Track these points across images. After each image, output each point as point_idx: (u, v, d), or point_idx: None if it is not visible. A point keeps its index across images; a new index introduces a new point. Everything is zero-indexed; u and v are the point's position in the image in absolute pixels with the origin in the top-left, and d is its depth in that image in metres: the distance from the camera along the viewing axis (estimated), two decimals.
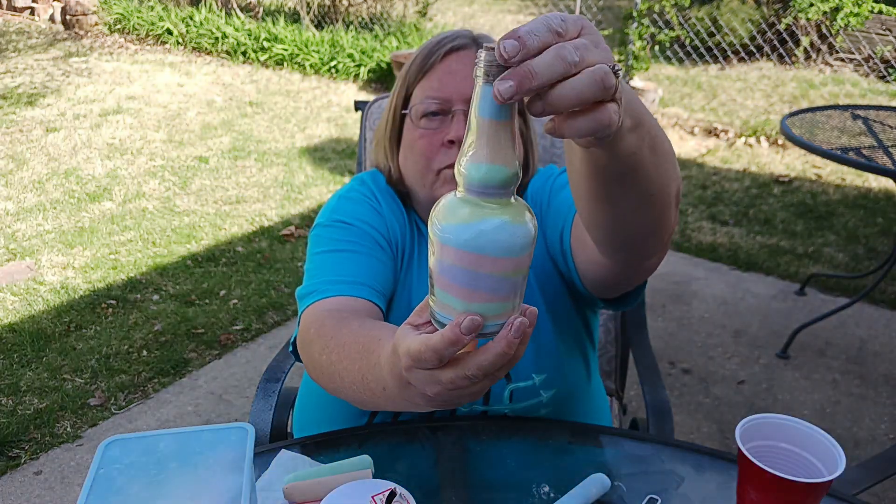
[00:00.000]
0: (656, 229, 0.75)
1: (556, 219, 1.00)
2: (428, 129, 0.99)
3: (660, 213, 0.72)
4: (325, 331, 0.83)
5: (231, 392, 2.36)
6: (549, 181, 1.05)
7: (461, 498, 0.85)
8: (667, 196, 0.70)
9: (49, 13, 7.55)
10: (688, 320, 2.81)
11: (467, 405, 1.00)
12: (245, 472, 0.66)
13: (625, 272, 0.84)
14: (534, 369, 0.99)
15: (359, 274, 0.93)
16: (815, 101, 5.39)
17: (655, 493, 0.86)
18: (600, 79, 0.47)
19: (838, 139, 2.52)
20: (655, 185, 0.67)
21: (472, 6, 8.85)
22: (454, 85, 0.98)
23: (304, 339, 0.87)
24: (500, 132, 0.49)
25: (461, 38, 1.01)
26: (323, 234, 1.00)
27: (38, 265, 3.06)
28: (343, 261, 0.94)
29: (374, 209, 1.03)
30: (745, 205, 3.88)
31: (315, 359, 0.83)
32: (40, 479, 1.99)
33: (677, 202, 0.75)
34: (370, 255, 0.96)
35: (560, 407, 1.04)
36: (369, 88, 5.87)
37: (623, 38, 5.27)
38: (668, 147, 0.68)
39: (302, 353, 0.88)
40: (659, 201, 0.70)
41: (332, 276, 0.92)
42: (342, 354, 0.77)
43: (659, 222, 0.73)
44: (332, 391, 0.82)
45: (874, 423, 2.27)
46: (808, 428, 0.77)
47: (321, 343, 0.82)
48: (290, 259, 3.19)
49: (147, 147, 4.45)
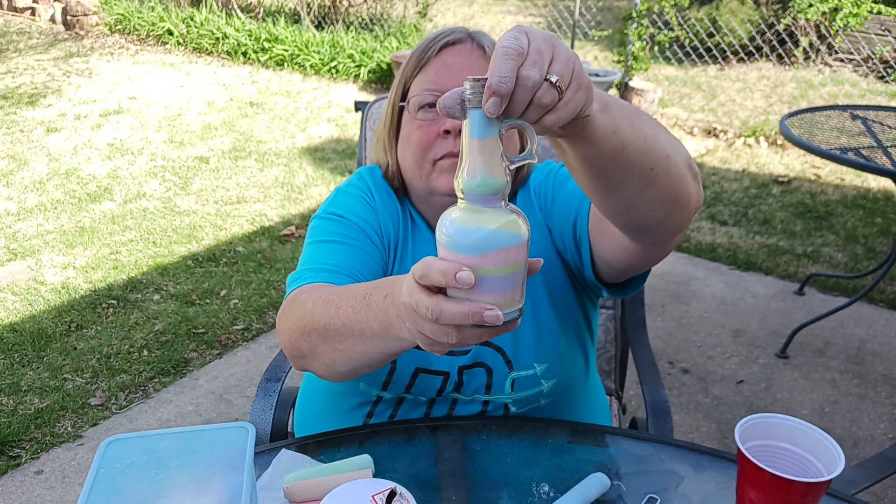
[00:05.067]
0: (674, 205, 0.76)
1: (564, 210, 1.01)
2: (425, 121, 1.00)
3: (670, 186, 0.73)
4: (316, 290, 0.88)
5: (231, 392, 2.36)
6: (551, 176, 1.07)
7: (461, 498, 0.85)
8: (670, 167, 0.72)
9: (50, 13, 7.55)
10: (687, 320, 2.82)
11: (469, 394, 1.01)
12: (245, 472, 0.66)
13: (651, 252, 0.86)
14: (535, 359, 1.01)
15: (344, 264, 0.96)
16: (814, 101, 5.39)
17: (655, 492, 0.86)
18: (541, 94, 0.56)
19: (837, 139, 2.52)
20: (650, 158, 0.69)
21: (471, 7, 8.85)
22: (450, 77, 1.00)
23: (295, 301, 0.89)
24: (489, 149, 0.57)
25: (457, 34, 1.03)
26: (317, 226, 1.04)
27: (39, 265, 3.06)
28: (332, 251, 0.98)
29: (369, 204, 1.07)
30: (744, 205, 3.88)
31: (305, 308, 0.85)
32: (41, 478, 1.99)
33: (693, 174, 0.77)
34: (358, 247, 0.99)
35: (559, 398, 1.05)
36: (369, 89, 5.87)
37: (622, 39, 5.27)
38: (652, 122, 0.71)
39: (288, 314, 0.89)
40: (663, 175, 0.72)
41: (319, 265, 0.96)
42: (344, 290, 0.82)
43: (674, 197, 0.75)
44: (317, 334, 0.82)
45: (873, 422, 2.27)
46: (807, 427, 0.77)
47: (315, 294, 0.85)
48: (291, 259, 3.20)
49: (148, 147, 4.45)
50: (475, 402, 1.03)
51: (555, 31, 7.24)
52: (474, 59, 1.02)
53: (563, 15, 7.01)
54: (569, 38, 5.37)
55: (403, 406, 1.03)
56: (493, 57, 0.55)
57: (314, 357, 0.85)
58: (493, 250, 0.57)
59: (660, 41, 5.35)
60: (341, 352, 0.81)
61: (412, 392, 1.02)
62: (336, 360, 0.83)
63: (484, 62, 1.02)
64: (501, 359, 1.01)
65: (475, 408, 1.03)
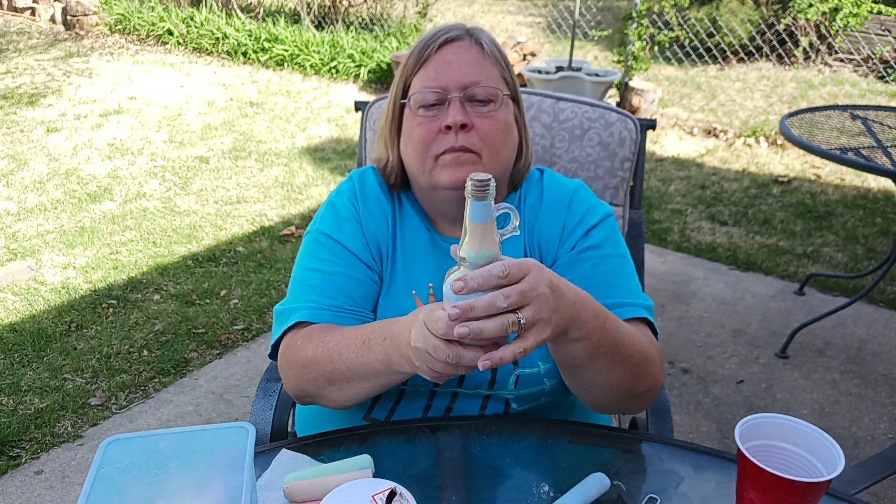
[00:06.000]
0: (604, 410, 0.99)
1: (569, 272, 1.04)
2: (426, 118, 1.02)
3: (605, 403, 0.95)
4: (314, 335, 0.96)
5: (231, 392, 2.36)
6: (574, 235, 1.07)
7: (461, 498, 0.85)
8: (617, 392, 0.91)
9: (50, 13, 7.55)
10: (687, 320, 2.82)
11: (471, 388, 1.02)
12: (245, 472, 0.67)
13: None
14: (540, 358, 1.01)
15: (329, 296, 1.02)
16: (814, 101, 5.40)
17: (655, 492, 0.86)
18: (506, 326, 0.73)
19: (837, 139, 2.52)
20: (597, 382, 0.89)
21: (472, 7, 8.85)
22: (449, 74, 1.02)
23: (292, 348, 0.98)
24: (486, 230, 0.73)
25: (455, 31, 1.05)
26: (309, 247, 1.09)
27: (39, 265, 3.06)
28: (319, 282, 1.04)
29: (354, 219, 1.09)
30: (744, 205, 3.88)
31: (308, 356, 0.95)
32: (41, 478, 1.99)
33: (644, 399, 0.96)
34: (341, 274, 1.04)
35: (560, 397, 1.06)
36: (369, 89, 5.87)
37: (622, 39, 5.27)
38: (622, 360, 0.88)
39: (290, 362, 0.98)
40: (599, 394, 0.92)
41: (307, 303, 1.02)
42: (341, 336, 0.93)
43: (606, 408, 0.97)
44: (324, 378, 0.93)
45: (873, 422, 2.27)
46: (807, 427, 0.77)
47: (314, 343, 0.95)
48: (291, 259, 3.20)
49: (148, 147, 4.45)
50: (476, 397, 1.03)
51: (555, 30, 7.24)
52: (473, 55, 1.03)
53: (563, 15, 7.02)
54: (569, 37, 5.37)
55: (404, 399, 1.03)
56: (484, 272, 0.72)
57: (320, 396, 0.97)
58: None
59: (660, 41, 5.35)
60: (347, 390, 0.93)
61: (411, 383, 1.02)
62: (343, 397, 0.95)
63: (482, 58, 1.04)
64: None
65: (475, 402, 1.03)
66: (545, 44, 7.03)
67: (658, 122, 5.04)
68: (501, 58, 1.07)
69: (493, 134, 1.02)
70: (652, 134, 4.77)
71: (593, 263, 1.03)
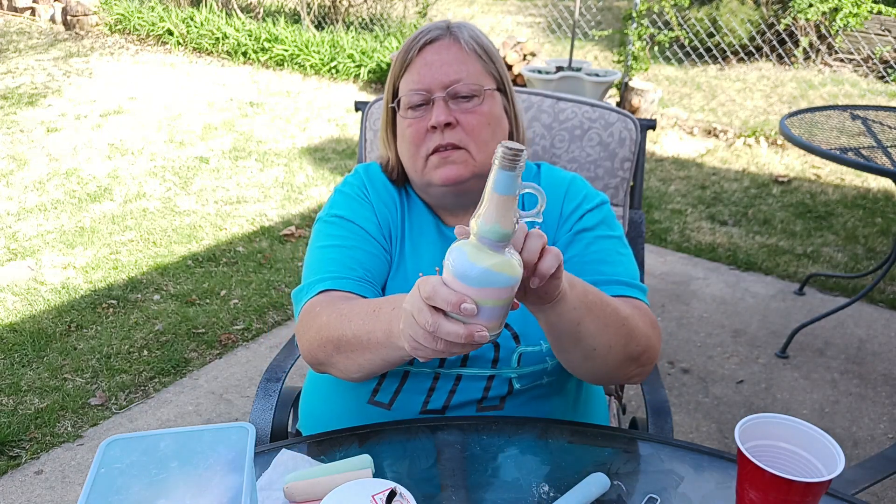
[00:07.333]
0: (610, 379, 0.98)
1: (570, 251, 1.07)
2: (414, 119, 1.06)
3: (609, 368, 0.94)
4: (333, 303, 0.97)
5: (231, 392, 2.36)
6: (572, 219, 1.10)
7: (461, 498, 0.85)
8: (613, 355, 0.91)
9: (50, 13, 7.55)
10: (687, 320, 2.82)
11: (475, 367, 1.04)
12: (245, 472, 0.66)
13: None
14: (543, 336, 1.03)
15: (346, 268, 1.03)
16: (814, 101, 5.39)
17: (655, 492, 0.86)
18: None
19: (837, 139, 2.52)
20: (597, 342, 0.88)
21: (471, 7, 8.85)
22: (431, 75, 1.05)
23: (310, 314, 0.98)
24: (507, 204, 0.67)
25: (435, 31, 1.08)
26: (320, 230, 1.11)
27: (39, 265, 3.06)
28: (334, 257, 1.05)
29: (365, 199, 1.13)
30: (744, 205, 3.88)
31: (322, 322, 0.95)
32: (41, 478, 1.99)
33: (642, 362, 0.96)
34: (357, 248, 1.06)
35: (561, 378, 1.08)
36: (369, 89, 5.87)
37: (622, 39, 5.27)
38: (612, 314, 0.88)
39: (306, 327, 0.98)
40: (601, 358, 0.91)
41: (324, 275, 1.03)
42: (357, 304, 0.93)
43: (610, 375, 0.96)
44: (332, 345, 0.93)
45: (873, 422, 2.27)
46: (807, 427, 0.78)
47: (330, 308, 0.95)
48: (291, 259, 3.20)
49: (148, 147, 4.45)
50: (480, 378, 1.04)
51: (555, 30, 7.24)
52: (453, 53, 1.06)
53: (563, 15, 7.02)
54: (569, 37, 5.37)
55: (408, 381, 1.04)
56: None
57: (331, 365, 0.97)
58: (490, 286, 0.68)
59: (660, 41, 5.35)
60: (353, 360, 0.92)
61: (416, 363, 1.03)
62: (348, 367, 0.94)
63: (462, 55, 1.06)
64: (509, 333, 1.04)
65: (479, 384, 1.04)
66: (545, 44, 7.03)
67: (658, 122, 5.04)
68: (483, 52, 1.09)
69: (479, 128, 1.05)
70: (652, 134, 4.77)
71: (587, 243, 1.06)
